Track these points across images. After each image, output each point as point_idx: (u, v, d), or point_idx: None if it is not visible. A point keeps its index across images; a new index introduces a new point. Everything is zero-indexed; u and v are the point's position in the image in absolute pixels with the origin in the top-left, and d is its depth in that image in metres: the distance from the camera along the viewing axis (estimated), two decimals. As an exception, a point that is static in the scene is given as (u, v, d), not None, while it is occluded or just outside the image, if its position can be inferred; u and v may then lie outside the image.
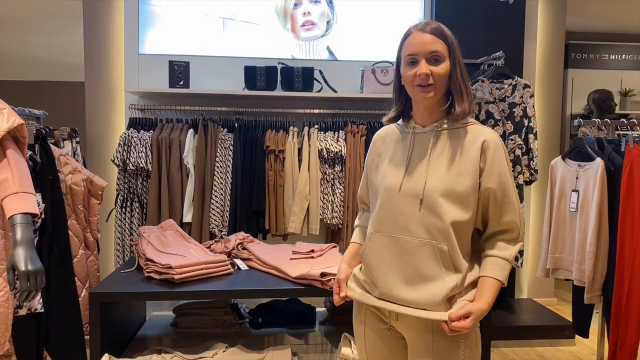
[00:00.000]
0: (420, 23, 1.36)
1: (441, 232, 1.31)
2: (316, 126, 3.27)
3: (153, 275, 2.01)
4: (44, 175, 2.03)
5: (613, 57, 5.63)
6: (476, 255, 1.40)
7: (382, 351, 1.46)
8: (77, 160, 2.57)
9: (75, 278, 2.19)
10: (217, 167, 3.15)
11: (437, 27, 1.34)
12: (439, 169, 1.34)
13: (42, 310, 1.94)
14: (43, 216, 2.00)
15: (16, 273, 1.55)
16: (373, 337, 1.46)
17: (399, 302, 1.35)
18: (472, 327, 1.28)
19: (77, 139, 2.84)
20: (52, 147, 2.18)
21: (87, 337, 2.13)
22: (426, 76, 1.31)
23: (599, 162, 2.42)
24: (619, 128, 3.26)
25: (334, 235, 3.31)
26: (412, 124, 1.42)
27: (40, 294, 1.86)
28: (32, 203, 1.65)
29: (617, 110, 5.12)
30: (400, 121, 1.48)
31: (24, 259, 1.55)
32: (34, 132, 2.04)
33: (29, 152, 1.95)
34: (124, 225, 3.13)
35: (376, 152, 1.51)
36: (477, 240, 1.42)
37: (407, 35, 1.36)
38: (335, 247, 2.44)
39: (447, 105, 1.37)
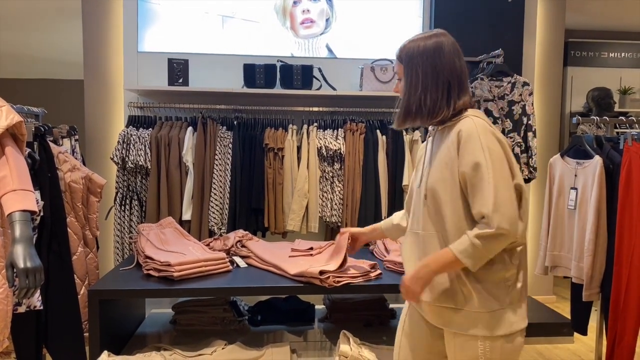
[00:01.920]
0: None
1: (438, 222, 1.44)
2: (315, 124, 3.27)
3: (152, 272, 2.02)
4: (43, 173, 2.03)
5: (612, 55, 5.61)
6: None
7: (415, 330, 1.61)
8: (76, 158, 2.57)
9: (75, 275, 2.19)
10: (216, 165, 3.15)
11: (398, 50, 1.51)
12: (434, 165, 1.47)
13: (41, 308, 1.94)
14: (42, 214, 2.00)
15: (15, 270, 1.55)
16: (413, 316, 1.62)
17: None
18: (408, 285, 1.43)
19: (76, 137, 2.84)
20: (51, 144, 2.18)
21: (86, 334, 2.13)
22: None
23: (597, 160, 2.42)
24: (617, 126, 3.26)
25: (333, 233, 3.31)
26: (431, 127, 1.57)
27: (39, 291, 1.87)
28: (31, 200, 1.65)
29: (616, 108, 5.12)
30: None
31: (22, 256, 1.55)
32: (33, 129, 2.04)
33: (28, 150, 1.94)
34: (123, 222, 3.13)
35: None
36: None
37: None
38: (334, 244, 2.44)
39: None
